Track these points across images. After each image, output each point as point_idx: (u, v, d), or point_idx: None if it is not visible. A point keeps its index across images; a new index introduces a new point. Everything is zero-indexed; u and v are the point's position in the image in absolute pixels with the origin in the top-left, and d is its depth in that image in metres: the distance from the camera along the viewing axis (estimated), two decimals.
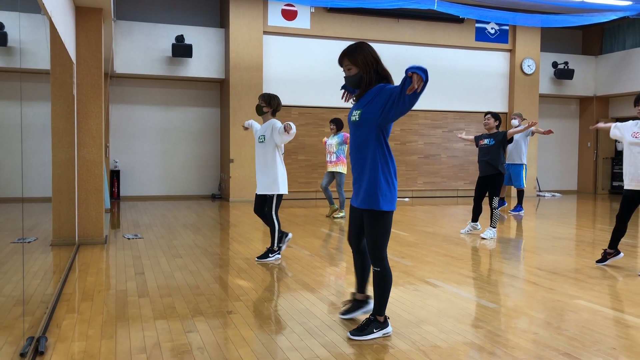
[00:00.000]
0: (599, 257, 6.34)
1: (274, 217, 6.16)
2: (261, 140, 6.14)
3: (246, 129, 6.68)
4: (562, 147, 16.85)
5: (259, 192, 6.23)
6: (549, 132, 8.88)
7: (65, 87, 6.64)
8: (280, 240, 6.26)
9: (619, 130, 6.01)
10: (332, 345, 3.64)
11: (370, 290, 4.07)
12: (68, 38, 6.17)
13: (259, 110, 6.17)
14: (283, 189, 6.15)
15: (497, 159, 7.69)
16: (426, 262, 6.24)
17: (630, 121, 5.99)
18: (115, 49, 12.09)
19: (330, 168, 9.71)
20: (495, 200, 7.80)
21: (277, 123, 6.09)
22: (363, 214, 3.79)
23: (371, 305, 4.03)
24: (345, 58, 3.71)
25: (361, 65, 3.65)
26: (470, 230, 8.28)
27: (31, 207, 5.46)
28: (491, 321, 4.18)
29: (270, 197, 6.15)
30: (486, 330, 3.96)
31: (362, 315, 4.10)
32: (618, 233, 6.06)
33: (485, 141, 7.79)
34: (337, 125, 9.70)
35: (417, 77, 3.25)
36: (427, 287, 5.14)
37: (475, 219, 8.25)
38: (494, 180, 7.76)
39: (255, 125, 6.57)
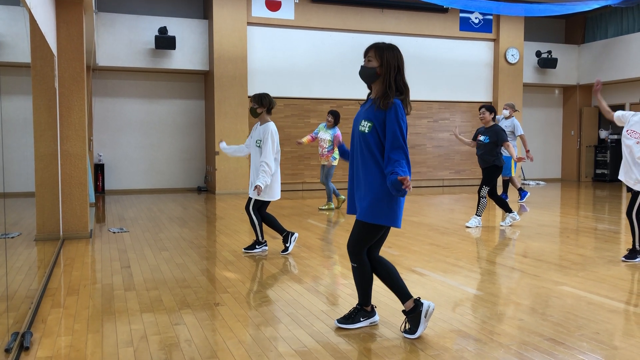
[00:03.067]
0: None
1: (251, 213, 6.07)
2: (258, 144, 5.95)
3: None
4: (545, 135, 16.98)
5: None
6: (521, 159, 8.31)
7: (46, 80, 6.55)
8: (286, 240, 6.22)
9: (619, 121, 5.90)
10: (319, 335, 3.65)
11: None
12: (49, 30, 6.08)
13: (254, 113, 6.01)
14: (267, 196, 5.98)
15: (491, 154, 7.72)
16: (412, 251, 6.27)
17: (632, 113, 5.88)
18: (97, 41, 11.94)
19: (323, 161, 9.68)
20: (484, 189, 7.84)
21: (269, 131, 5.88)
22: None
23: (377, 316, 3.88)
24: (372, 50, 3.57)
25: (384, 63, 3.51)
26: (511, 221, 8.08)
27: (14, 202, 5.39)
28: (477, 308, 4.21)
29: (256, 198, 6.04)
30: (472, 317, 4.00)
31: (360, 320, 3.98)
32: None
33: (481, 138, 7.80)
34: (335, 118, 9.55)
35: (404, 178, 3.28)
36: (414, 276, 5.17)
37: (507, 209, 8.10)
38: (488, 171, 7.81)
39: (225, 147, 6.38)
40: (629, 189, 5.76)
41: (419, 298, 3.67)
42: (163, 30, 12.32)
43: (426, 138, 14.71)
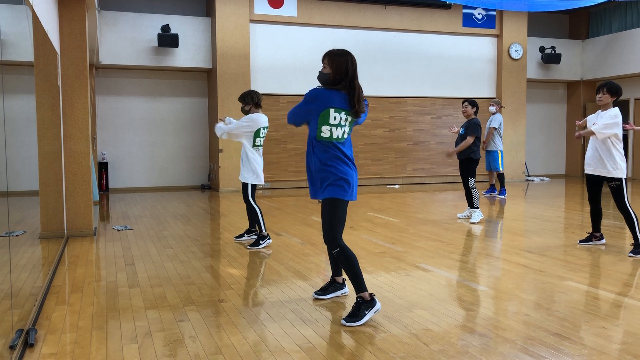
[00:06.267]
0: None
1: (252, 204, 6.34)
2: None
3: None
4: (549, 131, 16.92)
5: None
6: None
7: (49, 78, 6.55)
8: (257, 243, 6.34)
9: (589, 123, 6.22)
10: (324, 331, 3.64)
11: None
12: (51, 28, 6.08)
13: (244, 112, 6.38)
14: (252, 179, 6.30)
15: (467, 147, 7.90)
16: (417, 247, 6.26)
17: (592, 115, 6.17)
18: (100, 39, 11.94)
19: None
20: (471, 181, 8.00)
21: (248, 116, 6.26)
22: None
23: (347, 288, 4.40)
24: (327, 57, 3.86)
25: (334, 69, 3.80)
26: (468, 215, 8.37)
27: (18, 201, 5.40)
28: (482, 304, 4.20)
29: (245, 184, 6.37)
30: (477, 312, 3.98)
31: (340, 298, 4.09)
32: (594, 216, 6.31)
33: (461, 130, 8.13)
34: None
35: None
36: (418, 272, 5.16)
37: (470, 204, 8.30)
38: (466, 163, 8.02)
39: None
40: (601, 181, 5.99)
41: (373, 295, 3.88)
42: (166, 28, 12.31)
43: (430, 135, 14.68)
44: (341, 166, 3.83)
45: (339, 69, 3.79)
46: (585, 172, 6.09)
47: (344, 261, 3.85)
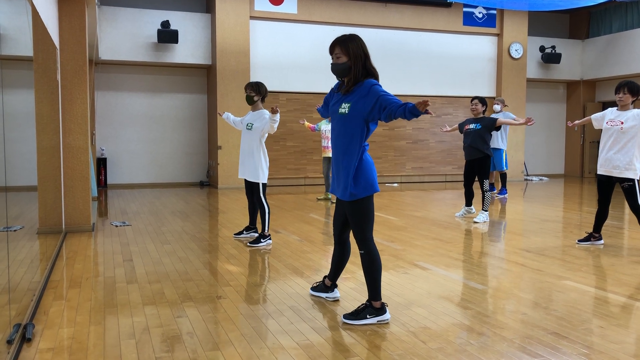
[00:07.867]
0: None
1: (264, 202, 6.28)
2: (249, 127, 6.31)
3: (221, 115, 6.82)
4: (549, 131, 16.93)
5: (242, 177, 6.42)
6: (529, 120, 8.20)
7: (48, 73, 6.54)
8: (258, 240, 6.32)
9: (597, 122, 6.23)
10: (322, 328, 3.64)
11: (339, 279, 4.30)
12: (51, 23, 6.06)
13: (250, 100, 6.32)
14: (265, 177, 6.31)
15: (482, 142, 7.79)
16: (415, 246, 6.26)
17: (609, 109, 6.18)
18: (99, 35, 11.91)
19: (328, 153, 9.79)
20: (486, 183, 7.86)
21: (267, 113, 6.23)
22: (344, 204, 3.82)
23: (336, 293, 4.24)
24: (337, 46, 3.69)
25: (351, 56, 3.65)
26: (465, 214, 8.44)
27: (16, 196, 5.39)
28: (480, 302, 4.20)
29: (256, 184, 6.29)
30: (475, 311, 3.98)
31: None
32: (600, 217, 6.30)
33: (472, 126, 7.88)
34: None
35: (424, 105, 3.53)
36: (417, 270, 5.16)
37: (468, 203, 8.38)
38: (481, 163, 7.84)
39: (232, 117, 6.83)
40: (612, 182, 6.05)
41: (385, 304, 3.79)
42: (165, 24, 12.28)
43: (429, 133, 14.67)
44: (368, 156, 3.76)
45: (357, 55, 3.65)
46: (598, 172, 6.10)
47: (367, 264, 3.75)
